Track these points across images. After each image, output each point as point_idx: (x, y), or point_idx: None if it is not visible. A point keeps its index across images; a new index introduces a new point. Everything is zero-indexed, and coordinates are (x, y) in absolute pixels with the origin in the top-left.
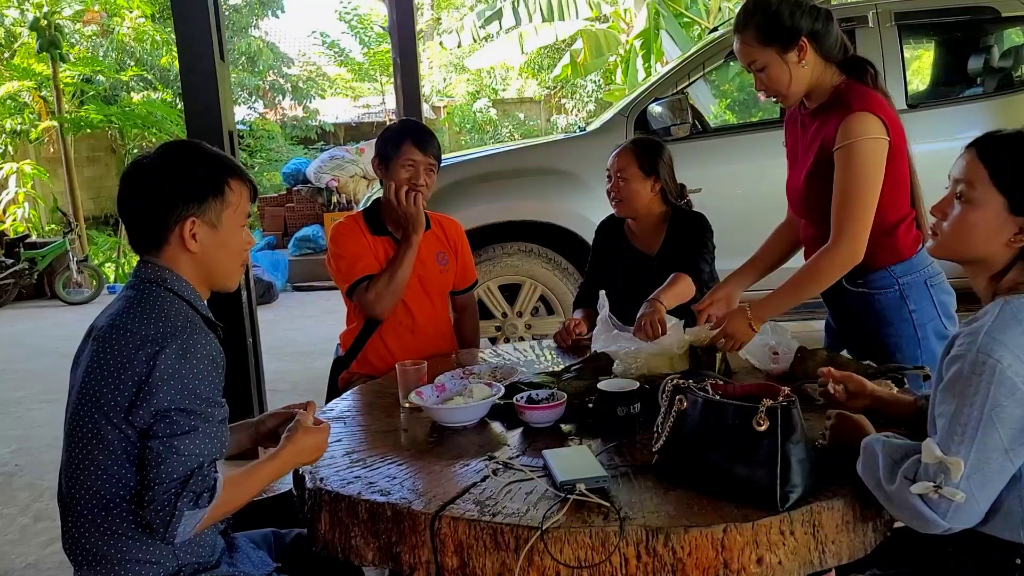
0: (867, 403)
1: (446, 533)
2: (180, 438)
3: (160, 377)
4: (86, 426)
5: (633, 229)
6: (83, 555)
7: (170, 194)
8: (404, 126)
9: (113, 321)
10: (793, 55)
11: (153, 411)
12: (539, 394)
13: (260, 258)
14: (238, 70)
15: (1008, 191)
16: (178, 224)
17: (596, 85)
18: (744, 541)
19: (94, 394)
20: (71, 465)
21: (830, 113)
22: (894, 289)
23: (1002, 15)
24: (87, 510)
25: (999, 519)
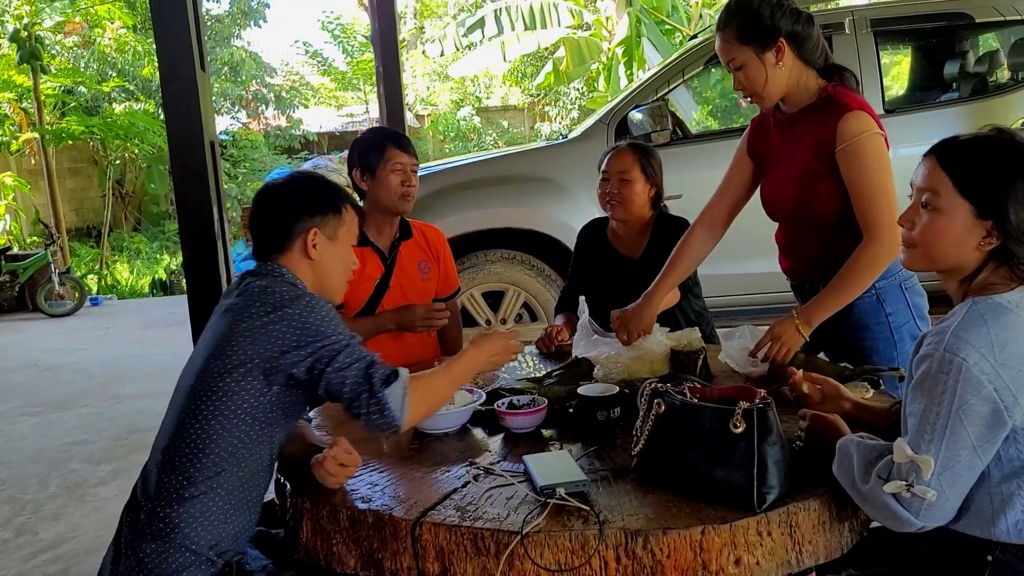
0: (843, 408)
1: (427, 539)
2: (339, 357)
3: (300, 324)
4: (215, 384)
5: (618, 233)
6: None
7: (297, 207)
8: (380, 133)
9: (247, 298)
10: (771, 55)
11: (307, 353)
12: (520, 400)
13: (242, 267)
14: (221, 80)
15: (973, 197)
16: (303, 233)
17: (579, 92)
18: (722, 542)
19: (236, 353)
20: (183, 431)
21: (823, 114)
22: (871, 294)
23: (976, 21)
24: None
25: (970, 516)
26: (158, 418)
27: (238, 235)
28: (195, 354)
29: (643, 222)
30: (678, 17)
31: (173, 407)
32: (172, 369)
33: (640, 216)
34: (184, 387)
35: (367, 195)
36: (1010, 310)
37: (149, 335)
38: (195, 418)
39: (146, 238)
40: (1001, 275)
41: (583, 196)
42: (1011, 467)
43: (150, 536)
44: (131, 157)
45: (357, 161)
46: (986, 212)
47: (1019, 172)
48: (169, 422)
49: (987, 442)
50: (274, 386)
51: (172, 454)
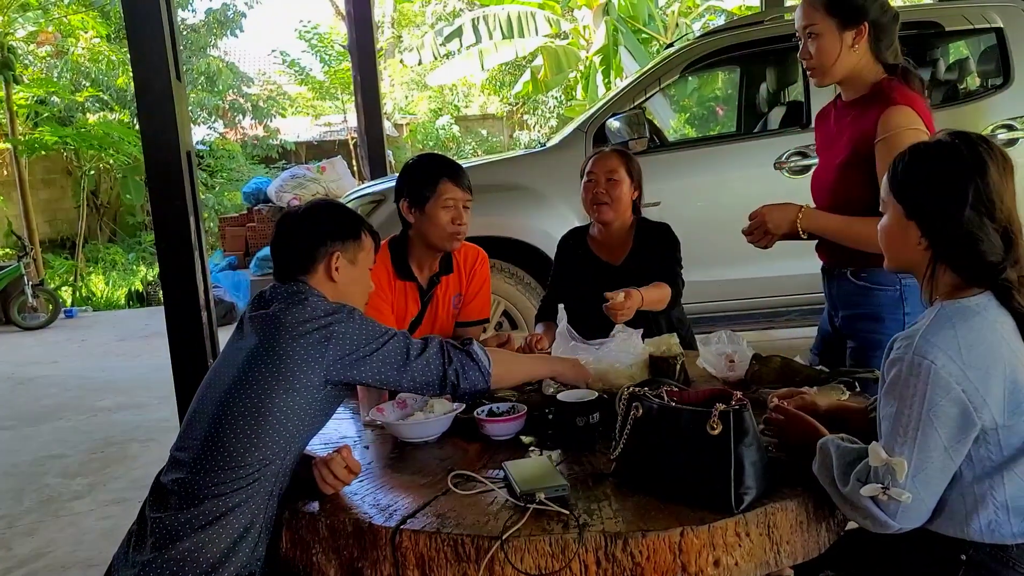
0: (820, 421)
1: (407, 546)
2: (411, 351)
3: (349, 330)
4: (250, 395)
5: (600, 239)
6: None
7: (321, 232)
8: (434, 162)
9: (281, 315)
10: (850, 35)
11: (373, 359)
12: (500, 407)
13: (221, 279)
14: (197, 90)
15: (901, 198)
16: (326, 257)
17: (558, 101)
18: (701, 544)
19: (291, 364)
20: (217, 435)
21: (870, 106)
22: (895, 288)
23: (946, 29)
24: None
25: (944, 517)
26: (135, 430)
27: (215, 246)
28: (229, 358)
29: (625, 227)
30: (655, 26)
31: (208, 404)
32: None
33: (624, 220)
34: (223, 386)
35: (413, 227)
36: (977, 313)
37: (125, 347)
38: (245, 414)
39: (122, 249)
40: (958, 279)
41: (562, 204)
42: (982, 468)
43: (189, 530)
44: (106, 167)
45: (406, 192)
46: (911, 214)
47: (938, 180)
48: (206, 418)
49: (958, 443)
50: (328, 386)
51: (216, 448)
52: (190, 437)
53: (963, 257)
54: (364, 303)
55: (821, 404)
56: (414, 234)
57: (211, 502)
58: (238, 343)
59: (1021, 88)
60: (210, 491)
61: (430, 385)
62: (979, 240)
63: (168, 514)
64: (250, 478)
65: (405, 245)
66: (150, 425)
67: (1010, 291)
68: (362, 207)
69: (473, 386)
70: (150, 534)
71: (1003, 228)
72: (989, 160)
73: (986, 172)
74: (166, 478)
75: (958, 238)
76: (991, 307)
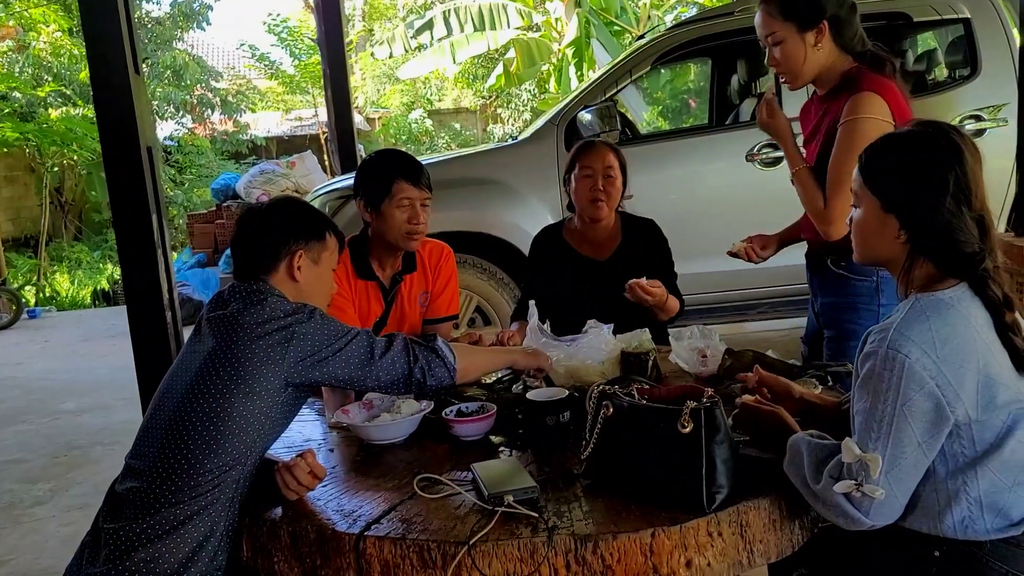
0: (794, 406)
1: (371, 553)
2: (375, 349)
3: (311, 330)
4: (208, 400)
5: (584, 235)
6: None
7: (284, 231)
8: (389, 160)
9: (254, 313)
10: (811, 36)
11: (334, 360)
12: (469, 407)
13: (190, 276)
14: (164, 84)
15: (878, 191)
16: (288, 256)
17: (531, 94)
18: (672, 545)
19: (251, 367)
20: (174, 442)
21: (839, 96)
22: (872, 280)
23: (914, 20)
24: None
25: (918, 513)
26: (99, 434)
27: (184, 243)
28: (185, 363)
29: (611, 223)
30: (627, 18)
31: (164, 411)
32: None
33: (611, 216)
34: (180, 392)
35: (371, 227)
36: (951, 306)
37: (89, 347)
38: (204, 420)
39: (87, 247)
40: (934, 271)
41: (533, 198)
42: (956, 463)
43: (145, 540)
44: (69, 164)
45: (361, 191)
46: (889, 207)
47: (916, 170)
48: (162, 425)
49: (931, 438)
50: (290, 388)
51: (173, 456)
52: (146, 444)
53: (942, 248)
54: (326, 304)
55: (796, 390)
56: (373, 233)
57: (168, 511)
58: (195, 346)
59: (988, 79)
60: (167, 500)
61: (396, 384)
62: (957, 230)
63: (123, 524)
64: (209, 485)
65: (366, 244)
66: (114, 428)
67: (986, 281)
68: (331, 203)
69: (439, 382)
70: (104, 545)
71: (978, 217)
72: (963, 147)
73: (963, 160)
74: (121, 487)
75: (938, 229)
76: (965, 299)
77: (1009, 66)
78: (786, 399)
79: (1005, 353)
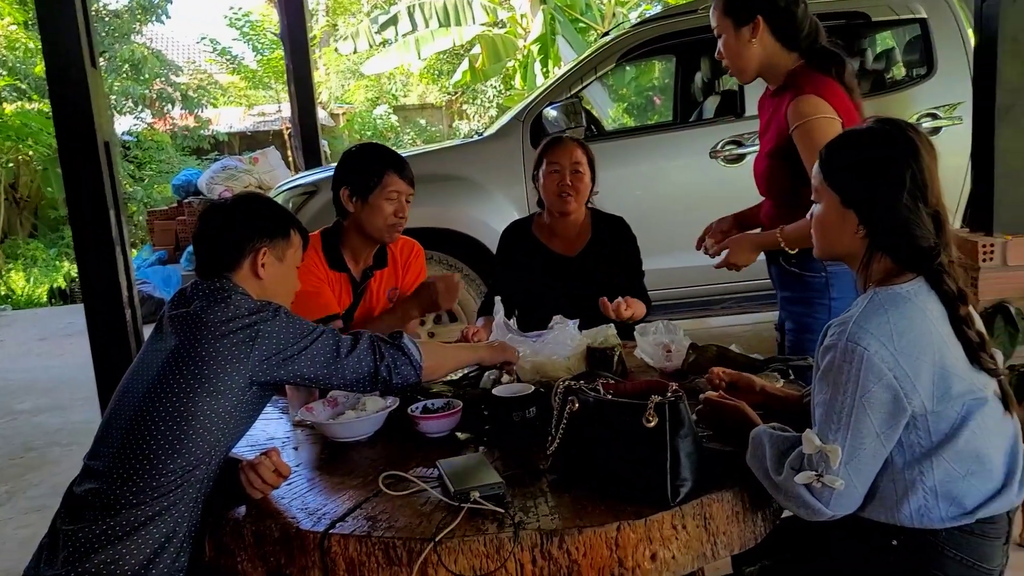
0: (757, 400)
1: (336, 551)
2: (340, 348)
3: (275, 328)
4: (171, 399)
5: (554, 231)
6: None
7: (248, 227)
8: (381, 152)
9: (217, 311)
10: (746, 31)
11: (300, 359)
12: (435, 403)
13: (151, 274)
14: (122, 78)
15: (837, 187)
16: (252, 252)
17: (496, 90)
18: (637, 538)
19: (215, 366)
20: (135, 442)
21: (783, 96)
22: (821, 276)
23: (873, 20)
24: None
25: (876, 503)
26: (56, 434)
27: (144, 240)
28: (146, 362)
29: (580, 219)
30: (592, 15)
31: (124, 410)
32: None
33: (581, 211)
34: (141, 391)
35: (351, 217)
36: (908, 300)
37: (46, 346)
38: (167, 419)
39: (43, 244)
40: (892, 265)
41: (499, 194)
42: (912, 453)
43: (105, 542)
44: (25, 159)
45: (348, 180)
46: (848, 202)
47: (874, 166)
48: (123, 425)
49: (889, 428)
50: (254, 387)
51: (134, 456)
52: (105, 445)
53: (899, 243)
54: (290, 302)
55: (757, 383)
56: (351, 224)
57: (129, 512)
58: (156, 344)
59: (944, 78)
60: (127, 501)
61: (362, 381)
62: (914, 225)
63: (82, 526)
64: (172, 485)
65: (338, 235)
66: (72, 428)
67: (942, 275)
68: (294, 199)
69: (405, 380)
70: (62, 547)
71: (934, 212)
72: (920, 144)
73: (919, 156)
74: (79, 488)
75: (895, 224)
76: (921, 293)
77: (964, 66)
78: (749, 393)
79: (959, 345)
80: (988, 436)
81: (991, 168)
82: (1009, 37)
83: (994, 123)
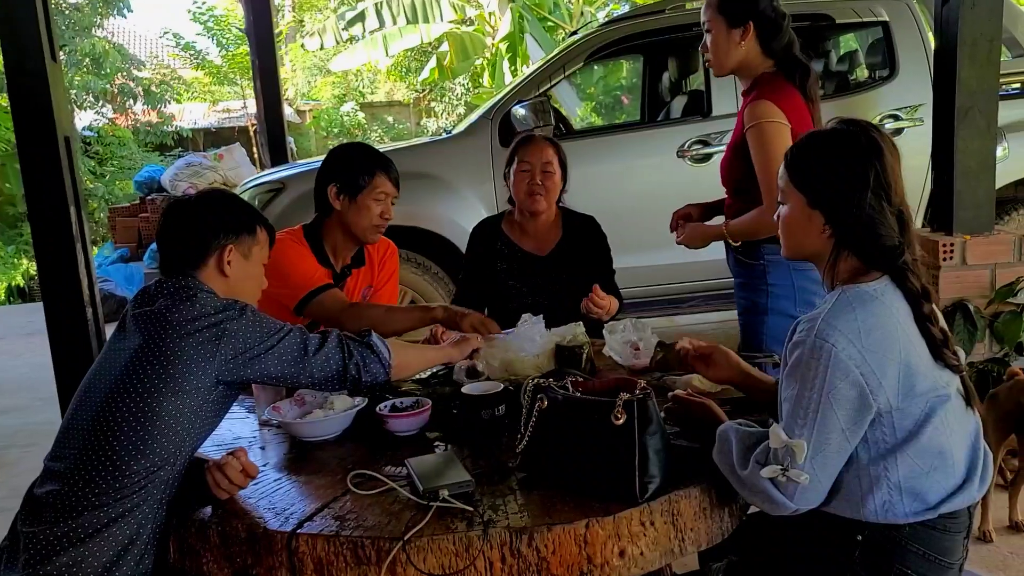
0: (731, 374)
1: (304, 551)
2: (308, 346)
3: (242, 327)
4: (135, 399)
5: (525, 229)
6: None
7: (213, 224)
8: (372, 153)
9: (183, 310)
10: (737, 33)
11: (267, 357)
12: (403, 402)
13: (112, 272)
14: (82, 73)
15: (803, 188)
16: (218, 250)
17: (465, 88)
18: (606, 535)
19: (181, 364)
20: (98, 443)
21: (747, 97)
22: (760, 263)
23: (837, 22)
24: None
25: (841, 498)
26: (15, 435)
27: (106, 237)
28: (109, 361)
29: (551, 217)
30: (560, 14)
31: (86, 410)
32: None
33: (551, 210)
34: (104, 391)
35: (335, 214)
36: (875, 298)
37: (5, 346)
38: (130, 419)
39: (1, 242)
40: (858, 264)
41: (468, 192)
42: (877, 449)
43: (67, 544)
44: None
45: (337, 178)
46: (815, 203)
47: (839, 166)
48: (85, 426)
49: (855, 424)
50: (220, 386)
51: (97, 457)
52: (67, 446)
53: (865, 242)
54: (256, 299)
55: (732, 356)
56: (335, 221)
57: (91, 513)
58: (120, 343)
59: (905, 80)
60: (90, 502)
61: (330, 380)
62: (879, 224)
63: (43, 528)
64: (136, 486)
65: (319, 231)
66: (31, 429)
67: (906, 273)
68: (260, 196)
69: (374, 378)
70: (23, 550)
71: (898, 211)
72: (883, 145)
73: (882, 156)
74: (40, 490)
75: (860, 223)
76: (888, 292)
77: (925, 68)
78: (725, 367)
79: (924, 343)
80: (950, 433)
81: (951, 169)
82: (968, 41)
83: (954, 125)
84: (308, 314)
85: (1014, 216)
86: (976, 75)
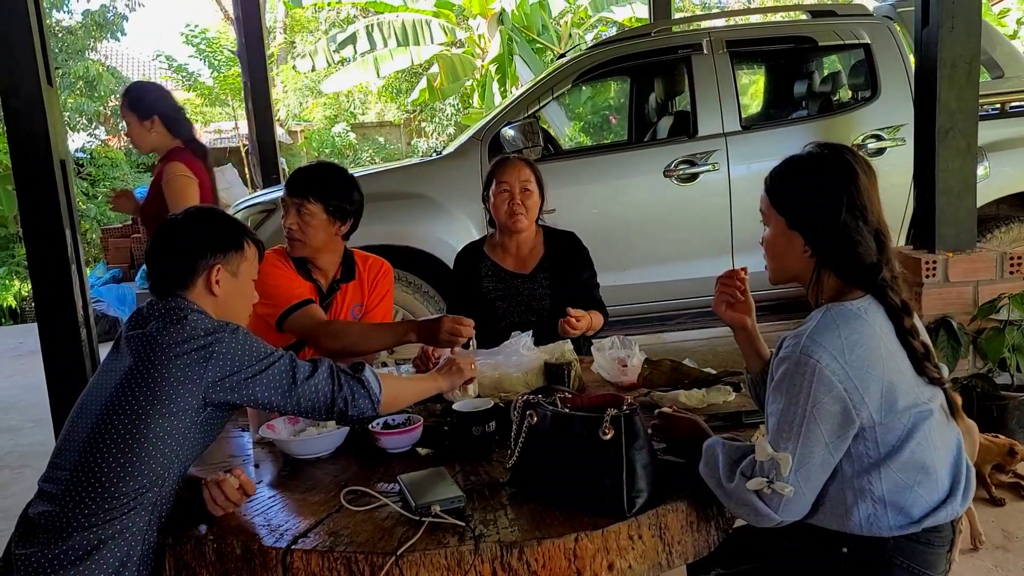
0: (746, 321)
1: (298, 567)
2: (297, 373)
3: (231, 349)
4: (123, 420)
5: (507, 249)
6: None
7: (201, 244)
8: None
9: (172, 332)
10: (147, 123)
11: (255, 382)
12: (395, 419)
13: (104, 292)
14: (76, 95)
15: (782, 210)
16: (206, 270)
17: (455, 109)
18: (595, 549)
19: (168, 385)
20: (88, 463)
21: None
22: None
23: (820, 44)
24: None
25: (825, 510)
26: (7, 456)
27: (98, 258)
28: (102, 382)
29: (532, 236)
30: (548, 36)
31: (79, 431)
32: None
33: (532, 228)
34: (96, 411)
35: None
36: (859, 316)
37: None
38: (119, 441)
39: None
40: (840, 283)
41: (458, 212)
42: (861, 464)
43: (58, 567)
44: None
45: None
46: (793, 224)
47: (815, 188)
48: (77, 446)
49: (838, 439)
50: (208, 408)
51: (87, 478)
52: (59, 467)
53: (844, 261)
54: (248, 316)
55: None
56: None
57: (81, 535)
58: (113, 364)
59: (887, 101)
60: (80, 523)
61: (317, 410)
62: (856, 243)
63: (35, 550)
64: (124, 508)
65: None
66: (23, 450)
67: (885, 289)
68: (252, 216)
69: (361, 413)
70: (16, 571)
71: (875, 231)
72: (857, 167)
73: (856, 178)
74: (33, 511)
75: (838, 242)
76: (871, 310)
77: (906, 89)
78: (742, 309)
79: (906, 359)
80: (933, 448)
81: (933, 187)
82: (947, 63)
83: (935, 144)
84: (287, 330)
85: (996, 234)
86: (956, 96)
